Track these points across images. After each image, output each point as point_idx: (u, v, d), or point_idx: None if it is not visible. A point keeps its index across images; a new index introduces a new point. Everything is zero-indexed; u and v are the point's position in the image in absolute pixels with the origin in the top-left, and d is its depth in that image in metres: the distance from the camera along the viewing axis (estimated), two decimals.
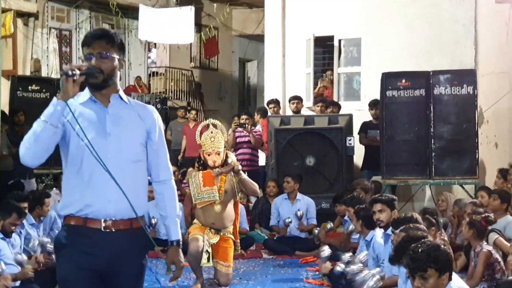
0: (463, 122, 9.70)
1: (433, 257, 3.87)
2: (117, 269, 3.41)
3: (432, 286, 3.86)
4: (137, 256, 3.49)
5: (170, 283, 3.49)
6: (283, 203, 9.50)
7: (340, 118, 10.61)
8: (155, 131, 3.56)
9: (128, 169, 3.41)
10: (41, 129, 3.19)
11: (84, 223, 3.37)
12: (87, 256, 3.36)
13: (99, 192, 3.36)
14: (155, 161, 3.58)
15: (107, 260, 3.38)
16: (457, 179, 9.76)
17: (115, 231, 3.39)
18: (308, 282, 7.43)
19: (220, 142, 7.11)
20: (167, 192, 3.64)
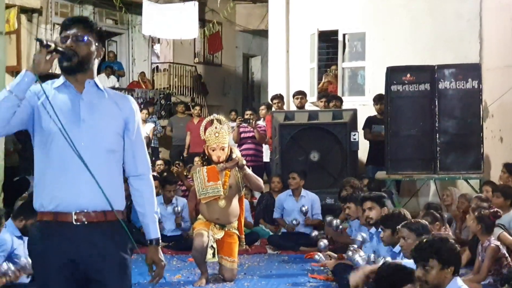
0: (468, 116, 9.68)
1: (437, 248, 3.87)
2: (95, 266, 3.21)
3: (434, 277, 3.84)
4: (115, 251, 3.26)
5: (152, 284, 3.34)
6: (288, 200, 9.48)
7: (345, 113, 10.58)
8: (133, 121, 3.39)
9: (102, 159, 3.24)
10: (3, 97, 3.07)
11: (55, 218, 3.20)
12: (61, 254, 3.19)
13: (69, 182, 3.18)
14: (132, 153, 3.40)
15: (82, 256, 3.20)
16: (462, 174, 9.74)
17: (87, 224, 3.20)
18: (312, 277, 7.42)
19: (224, 138, 7.10)
20: (145, 188, 3.46)
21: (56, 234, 3.20)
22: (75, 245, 3.19)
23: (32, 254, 3.34)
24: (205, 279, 7.10)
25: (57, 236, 3.20)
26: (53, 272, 3.21)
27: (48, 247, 3.21)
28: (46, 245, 3.22)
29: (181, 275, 7.57)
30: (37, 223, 3.31)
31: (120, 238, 3.29)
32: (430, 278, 3.85)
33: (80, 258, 3.20)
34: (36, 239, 3.29)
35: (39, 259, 3.27)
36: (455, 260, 3.87)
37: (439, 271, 3.83)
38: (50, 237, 3.21)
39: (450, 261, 3.85)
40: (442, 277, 3.83)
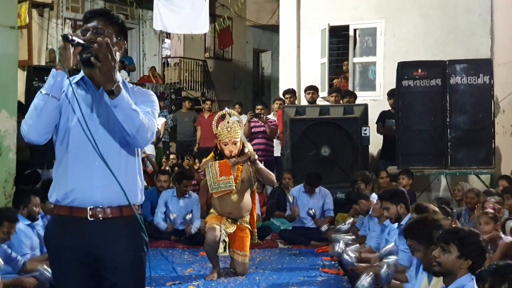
0: (479, 112, 9.69)
1: (461, 236, 3.88)
2: (109, 263, 3.18)
3: (448, 262, 3.84)
4: (130, 247, 3.21)
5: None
6: (301, 196, 9.51)
7: (356, 108, 10.58)
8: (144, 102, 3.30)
9: (117, 153, 3.21)
10: (44, 102, 3.08)
11: (70, 213, 3.19)
12: (76, 250, 3.18)
13: (85, 176, 3.17)
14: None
15: (96, 253, 3.17)
16: (473, 169, 9.75)
17: (102, 220, 3.18)
18: (323, 271, 7.45)
19: (236, 132, 7.12)
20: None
21: (71, 229, 3.20)
22: (90, 241, 3.18)
23: (48, 248, 3.35)
24: (216, 273, 7.13)
25: (72, 231, 3.20)
26: (68, 267, 3.22)
27: (63, 242, 3.22)
28: (61, 239, 3.23)
29: (192, 269, 7.61)
30: (53, 217, 3.33)
31: (136, 235, 3.25)
32: (443, 260, 3.85)
33: (94, 254, 3.19)
34: (52, 233, 3.31)
35: (54, 253, 3.29)
36: (475, 256, 3.83)
37: (455, 258, 3.83)
38: (65, 232, 3.22)
39: (469, 254, 3.83)
40: (456, 266, 3.82)
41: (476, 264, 3.85)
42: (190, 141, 14.51)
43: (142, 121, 3.15)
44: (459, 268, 3.83)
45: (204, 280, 7.02)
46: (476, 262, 3.85)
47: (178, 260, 8.17)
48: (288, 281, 6.99)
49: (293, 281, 6.99)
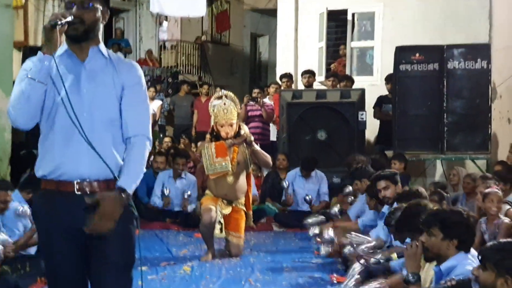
0: (476, 97, 9.69)
1: (442, 218, 3.86)
2: (97, 236, 3.13)
3: (434, 245, 3.83)
4: (118, 221, 3.14)
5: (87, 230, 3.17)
6: (297, 179, 9.51)
7: (353, 93, 10.56)
8: (131, 86, 3.28)
9: (103, 129, 3.19)
10: (31, 87, 3.06)
11: (57, 187, 3.18)
12: (63, 224, 3.17)
13: (71, 151, 3.14)
14: (126, 117, 3.26)
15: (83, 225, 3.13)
16: (469, 154, 9.77)
17: (90, 193, 3.17)
18: (318, 254, 7.45)
19: (233, 114, 7.10)
20: (134, 147, 3.26)
21: (58, 204, 3.20)
22: (77, 215, 3.16)
23: (36, 223, 3.36)
24: (211, 254, 7.14)
25: (59, 205, 3.20)
26: (56, 241, 3.22)
27: (51, 216, 3.21)
28: (49, 214, 3.22)
29: (187, 250, 7.62)
30: (40, 191, 3.30)
31: (124, 208, 3.22)
32: (430, 245, 3.85)
33: (80, 227, 3.16)
34: (40, 208, 3.30)
35: (43, 228, 3.29)
36: (460, 234, 3.82)
37: (440, 241, 3.82)
38: (53, 206, 3.21)
39: (454, 234, 3.81)
40: (443, 248, 3.81)
41: (464, 242, 3.83)
42: (188, 125, 14.46)
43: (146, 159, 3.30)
44: (446, 249, 3.81)
45: (198, 261, 7.02)
46: (464, 240, 3.82)
47: (173, 241, 8.17)
48: (282, 264, 7.00)
49: (287, 264, 7.00)
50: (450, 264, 3.76)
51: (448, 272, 3.73)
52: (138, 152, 3.27)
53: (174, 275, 6.48)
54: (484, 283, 3.12)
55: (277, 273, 6.58)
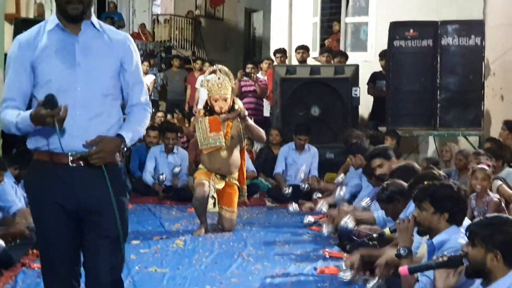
0: (469, 73, 9.70)
1: (432, 191, 3.88)
2: (91, 208, 3.19)
3: (425, 219, 3.85)
4: (111, 193, 3.19)
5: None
6: (291, 153, 9.52)
7: (347, 69, 10.54)
8: (130, 61, 3.32)
9: (97, 103, 3.20)
10: (23, 127, 3.11)
11: (51, 158, 3.19)
12: (56, 194, 3.19)
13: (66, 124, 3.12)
14: (127, 91, 3.33)
15: (77, 199, 3.19)
16: (462, 131, 9.81)
17: (83, 166, 3.19)
18: (311, 229, 7.49)
19: (227, 88, 7.08)
20: (137, 111, 3.36)
21: (51, 175, 3.21)
22: (71, 186, 3.19)
23: (29, 194, 3.37)
24: (204, 229, 7.16)
25: (53, 177, 3.20)
26: (49, 210, 3.22)
27: (44, 187, 3.22)
28: (42, 185, 3.23)
29: (180, 224, 7.64)
30: (33, 162, 3.30)
31: (118, 181, 3.26)
32: (421, 219, 3.87)
33: (76, 200, 3.20)
34: (32, 179, 3.31)
35: (35, 197, 3.30)
36: (451, 207, 3.83)
37: (431, 214, 3.84)
38: (45, 178, 3.22)
39: (444, 207, 3.83)
40: (434, 221, 3.82)
41: (455, 215, 3.84)
42: (181, 100, 14.43)
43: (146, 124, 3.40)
44: (437, 223, 3.83)
45: (191, 235, 7.04)
46: (455, 214, 3.84)
47: (165, 216, 8.19)
48: (275, 238, 7.03)
49: (280, 238, 7.02)
50: (442, 238, 3.78)
51: (440, 245, 3.75)
52: (138, 116, 3.36)
53: (166, 249, 6.50)
54: (474, 259, 3.14)
55: (270, 248, 6.61)
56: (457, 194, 3.87)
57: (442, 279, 3.22)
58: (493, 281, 3.11)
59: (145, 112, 3.40)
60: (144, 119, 3.39)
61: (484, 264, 3.11)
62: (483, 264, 3.11)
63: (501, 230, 3.13)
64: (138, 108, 3.37)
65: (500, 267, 3.09)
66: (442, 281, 3.22)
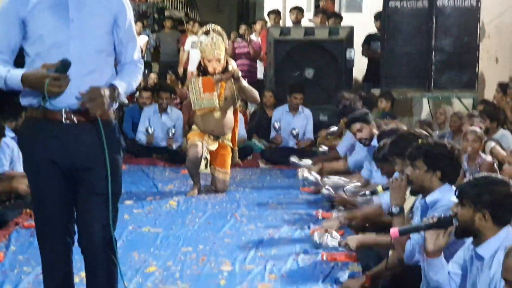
0: (464, 35, 9.68)
1: (425, 150, 3.88)
2: (85, 165, 3.16)
3: (418, 178, 3.86)
4: (105, 151, 3.17)
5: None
6: (284, 116, 9.49)
7: (341, 30, 10.48)
8: (124, 17, 3.26)
9: (91, 59, 3.17)
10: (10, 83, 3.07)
11: (44, 115, 3.16)
12: (50, 151, 3.17)
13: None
14: (120, 48, 3.29)
15: (71, 155, 3.16)
16: (456, 93, 9.81)
17: (77, 123, 3.16)
18: (304, 190, 7.50)
19: (220, 49, 7.02)
20: (129, 68, 3.33)
21: (45, 132, 3.18)
22: (65, 143, 3.17)
23: (22, 150, 3.34)
24: (197, 189, 7.17)
25: (46, 133, 3.18)
26: (42, 167, 3.20)
27: (37, 144, 3.20)
28: (35, 142, 3.20)
29: (173, 185, 7.65)
30: (26, 119, 3.28)
31: (112, 138, 3.25)
32: (414, 177, 3.87)
33: (69, 157, 3.18)
34: (26, 136, 3.28)
35: (29, 154, 3.28)
36: (444, 166, 3.82)
37: (424, 173, 3.84)
38: (39, 134, 3.20)
39: (436, 165, 3.82)
40: (427, 179, 3.82)
41: (449, 174, 3.84)
42: (173, 61, 14.33)
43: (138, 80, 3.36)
44: (430, 181, 3.83)
45: (184, 196, 7.06)
46: (447, 172, 3.83)
47: (159, 177, 8.19)
48: (268, 199, 7.04)
49: (273, 200, 7.04)
50: (434, 197, 3.78)
51: (433, 204, 3.76)
52: (130, 70, 3.33)
53: (160, 209, 6.52)
54: (463, 219, 3.14)
55: (263, 209, 6.62)
56: (450, 153, 3.86)
57: (432, 240, 3.22)
58: (483, 240, 3.11)
59: (137, 68, 3.36)
60: (136, 74, 3.35)
61: (473, 223, 3.11)
62: (472, 223, 3.12)
63: (489, 189, 3.12)
64: (130, 65, 3.34)
65: (489, 226, 3.09)
66: (432, 242, 3.22)
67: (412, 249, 3.72)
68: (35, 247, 3.42)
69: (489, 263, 3.05)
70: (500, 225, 3.10)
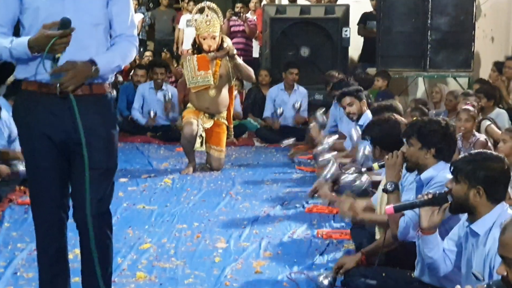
0: (460, 14, 9.63)
1: (419, 127, 3.87)
2: (79, 139, 3.09)
3: (413, 155, 3.85)
4: (101, 124, 3.18)
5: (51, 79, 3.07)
6: (280, 94, 9.48)
7: (337, 8, 10.42)
8: None
9: (87, 33, 3.13)
10: (16, 53, 3.05)
11: (39, 88, 3.13)
12: (45, 126, 3.14)
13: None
14: (114, 18, 3.23)
15: (65, 130, 3.13)
16: (452, 72, 9.79)
17: (72, 97, 3.10)
18: (299, 169, 7.52)
19: (215, 26, 7.00)
20: (121, 42, 3.27)
21: (40, 105, 3.16)
22: (59, 117, 3.14)
23: (17, 123, 3.31)
24: (192, 167, 7.17)
25: (41, 107, 3.15)
26: (37, 141, 3.18)
27: (32, 117, 3.17)
28: (30, 115, 3.18)
29: (168, 163, 7.65)
30: (21, 92, 3.24)
31: (107, 113, 3.23)
32: (409, 154, 3.87)
33: (64, 131, 3.15)
34: (21, 109, 3.25)
35: (23, 128, 3.25)
36: (437, 142, 3.80)
37: (418, 150, 3.83)
38: (34, 107, 3.17)
39: (430, 142, 3.80)
40: (421, 157, 3.81)
41: (443, 151, 3.82)
42: (169, 40, 14.26)
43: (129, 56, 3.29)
44: (424, 158, 3.82)
45: (179, 174, 7.06)
46: (442, 149, 3.81)
47: (154, 155, 8.19)
48: (263, 177, 7.06)
49: (268, 178, 7.06)
50: (429, 174, 3.77)
51: (428, 181, 3.75)
52: (119, 46, 3.27)
53: (155, 187, 6.53)
54: (457, 195, 3.14)
55: (258, 187, 6.64)
56: (444, 130, 3.84)
57: (427, 217, 3.22)
58: (478, 217, 3.10)
59: (129, 44, 3.29)
60: (125, 50, 3.28)
61: (467, 200, 3.11)
62: (466, 200, 3.11)
63: (484, 165, 3.12)
64: (121, 39, 3.28)
65: (483, 203, 3.09)
66: (427, 219, 3.22)
67: (406, 226, 3.72)
68: (29, 223, 3.43)
69: (484, 239, 3.04)
70: (495, 201, 3.09)
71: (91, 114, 3.16)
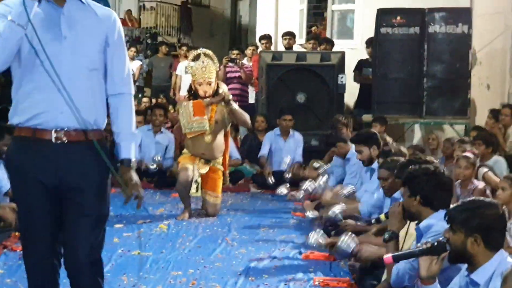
0: (456, 61, 9.72)
1: (407, 174, 3.86)
2: (72, 186, 3.12)
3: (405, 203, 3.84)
4: (94, 172, 3.18)
5: (131, 206, 3.23)
6: (276, 140, 9.47)
7: (333, 55, 10.49)
8: (113, 36, 3.24)
9: (83, 78, 3.13)
10: (10, 30, 2.97)
11: (33, 134, 3.11)
12: (38, 171, 3.12)
13: (50, 100, 3.07)
14: (111, 70, 3.25)
15: (60, 176, 3.12)
16: (448, 119, 9.81)
17: (67, 143, 3.12)
18: (295, 215, 7.46)
19: (211, 72, 7.03)
20: (122, 106, 3.28)
21: (34, 151, 3.14)
22: (54, 163, 3.12)
23: (10, 171, 3.29)
24: (188, 213, 7.12)
25: (35, 153, 3.13)
26: (30, 190, 3.15)
27: (25, 163, 3.14)
28: (24, 160, 3.15)
29: (164, 209, 7.60)
30: (15, 138, 3.23)
31: (101, 159, 3.20)
32: (404, 203, 3.84)
33: (58, 177, 3.13)
34: (14, 154, 3.23)
35: (16, 174, 3.22)
36: (420, 190, 3.73)
37: (407, 198, 3.80)
38: (27, 153, 3.15)
39: (414, 190, 3.76)
40: (411, 205, 3.78)
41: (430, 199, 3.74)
42: (165, 86, 14.34)
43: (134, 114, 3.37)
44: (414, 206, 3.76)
45: (175, 219, 7.00)
46: (427, 196, 3.74)
47: (149, 200, 8.11)
48: (259, 223, 7.00)
49: (264, 224, 7.00)
50: (428, 223, 3.71)
51: (427, 230, 3.70)
52: (128, 112, 3.32)
53: (150, 232, 6.47)
54: (455, 244, 3.10)
55: (254, 232, 6.58)
56: (430, 177, 3.78)
57: (425, 266, 3.18)
58: (477, 266, 3.05)
59: (131, 104, 3.34)
60: (131, 112, 3.34)
61: (465, 248, 3.06)
62: (464, 249, 3.06)
63: (478, 213, 3.07)
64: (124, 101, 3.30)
65: (481, 251, 3.04)
66: (426, 268, 3.17)
67: (401, 275, 3.67)
68: (23, 270, 3.36)
69: None
70: (493, 249, 3.05)
71: (85, 159, 3.15)
